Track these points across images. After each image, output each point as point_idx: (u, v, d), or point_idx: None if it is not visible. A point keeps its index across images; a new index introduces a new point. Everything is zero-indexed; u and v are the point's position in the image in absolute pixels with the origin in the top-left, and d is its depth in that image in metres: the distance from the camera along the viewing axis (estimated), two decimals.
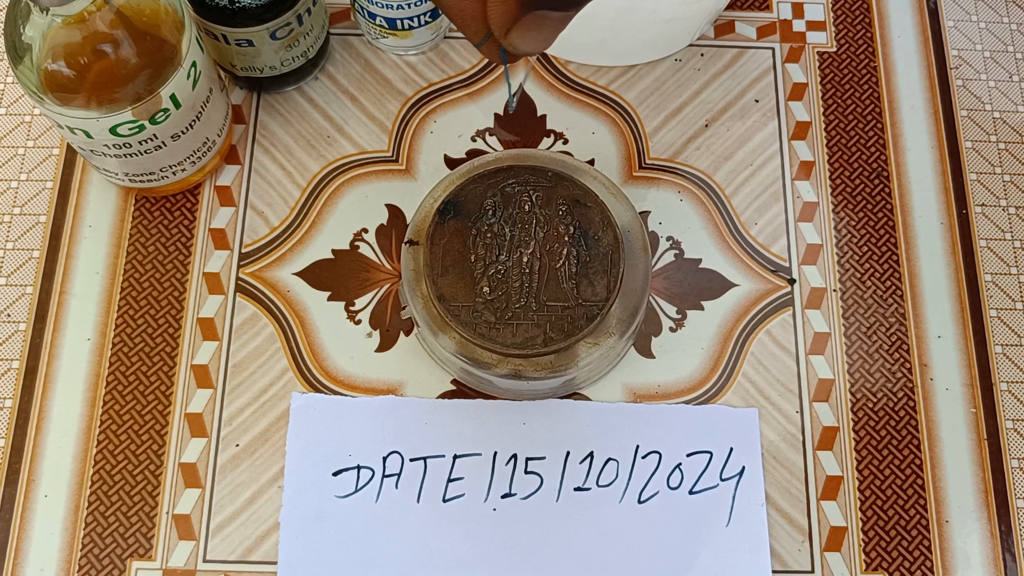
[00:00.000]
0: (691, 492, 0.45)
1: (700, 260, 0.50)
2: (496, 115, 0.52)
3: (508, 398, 0.47)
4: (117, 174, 0.46)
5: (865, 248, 0.50)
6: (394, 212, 0.50)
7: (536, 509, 0.45)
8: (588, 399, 0.47)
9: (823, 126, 0.53)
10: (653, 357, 0.48)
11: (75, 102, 0.40)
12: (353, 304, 0.48)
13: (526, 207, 0.44)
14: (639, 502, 0.45)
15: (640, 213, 0.50)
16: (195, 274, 0.49)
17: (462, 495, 0.45)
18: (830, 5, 0.55)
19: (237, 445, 0.46)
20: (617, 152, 0.52)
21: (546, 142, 0.52)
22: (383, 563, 0.44)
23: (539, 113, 0.52)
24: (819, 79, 0.54)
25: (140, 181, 0.47)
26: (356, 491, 0.45)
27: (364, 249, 0.49)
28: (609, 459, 0.46)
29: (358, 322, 0.48)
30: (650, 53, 0.53)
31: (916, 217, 0.51)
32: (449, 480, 0.45)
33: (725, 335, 0.48)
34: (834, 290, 0.49)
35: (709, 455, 0.46)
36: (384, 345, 0.48)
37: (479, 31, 0.31)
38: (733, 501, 0.45)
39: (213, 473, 0.45)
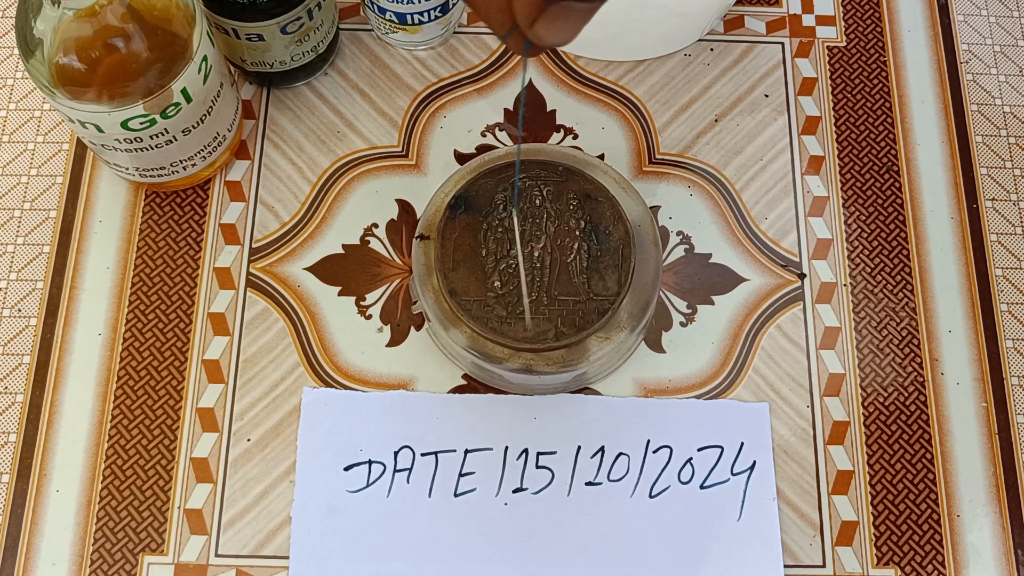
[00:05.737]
0: (702, 487, 0.45)
1: (710, 255, 0.50)
2: (506, 110, 0.52)
3: (519, 393, 0.47)
4: (127, 169, 0.46)
5: (875, 243, 0.50)
6: (404, 207, 0.50)
7: (547, 504, 0.45)
8: (599, 394, 0.47)
9: (833, 121, 0.53)
10: (664, 352, 0.48)
11: (86, 96, 0.40)
12: (364, 299, 0.48)
13: (537, 202, 0.44)
14: (650, 497, 0.45)
15: (650, 208, 0.50)
16: (205, 269, 0.49)
17: (473, 490, 0.45)
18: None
19: (249, 440, 0.46)
20: (627, 147, 0.51)
21: (556, 137, 0.52)
22: (394, 557, 0.44)
23: (549, 108, 0.52)
24: (829, 74, 0.54)
25: (150, 176, 0.47)
26: (368, 486, 0.45)
27: (374, 244, 0.49)
28: (620, 454, 0.46)
29: (369, 317, 0.48)
30: (660, 48, 0.53)
31: (926, 212, 0.51)
32: (460, 475, 0.45)
33: (735, 330, 0.48)
34: (844, 285, 0.49)
35: (720, 450, 0.46)
36: (395, 340, 0.48)
37: (504, 23, 0.30)
38: (744, 496, 0.45)
39: (225, 468, 0.45)
